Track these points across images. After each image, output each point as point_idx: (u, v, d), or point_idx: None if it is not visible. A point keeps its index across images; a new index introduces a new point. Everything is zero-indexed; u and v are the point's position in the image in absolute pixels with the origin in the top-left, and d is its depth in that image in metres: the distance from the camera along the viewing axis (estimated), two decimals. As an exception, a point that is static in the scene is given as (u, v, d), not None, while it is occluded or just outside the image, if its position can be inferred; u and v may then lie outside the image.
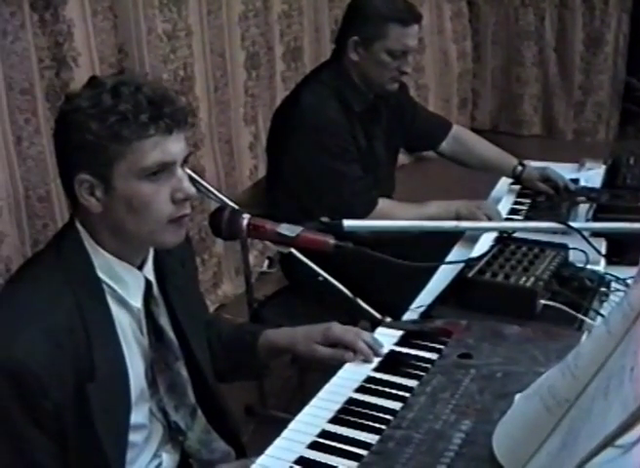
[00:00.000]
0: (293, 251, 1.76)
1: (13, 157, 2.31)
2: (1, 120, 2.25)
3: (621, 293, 1.60)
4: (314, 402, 1.29)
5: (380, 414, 1.23)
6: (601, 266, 1.73)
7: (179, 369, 1.40)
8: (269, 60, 3.57)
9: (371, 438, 1.17)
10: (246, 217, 1.70)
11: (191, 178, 1.32)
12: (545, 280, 1.55)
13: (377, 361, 1.40)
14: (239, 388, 1.82)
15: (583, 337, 1.22)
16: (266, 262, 3.56)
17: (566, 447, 0.93)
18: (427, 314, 1.58)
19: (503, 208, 2.26)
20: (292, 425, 1.23)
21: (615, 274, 1.66)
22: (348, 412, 1.25)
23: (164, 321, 1.37)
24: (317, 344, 1.45)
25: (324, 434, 1.20)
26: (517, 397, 1.13)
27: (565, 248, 1.70)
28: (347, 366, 1.40)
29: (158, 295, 1.37)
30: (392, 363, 1.39)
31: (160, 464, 1.42)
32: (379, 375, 1.36)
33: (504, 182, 2.51)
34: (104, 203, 1.23)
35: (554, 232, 1.87)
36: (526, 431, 1.02)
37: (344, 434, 1.19)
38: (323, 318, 1.51)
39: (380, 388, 1.31)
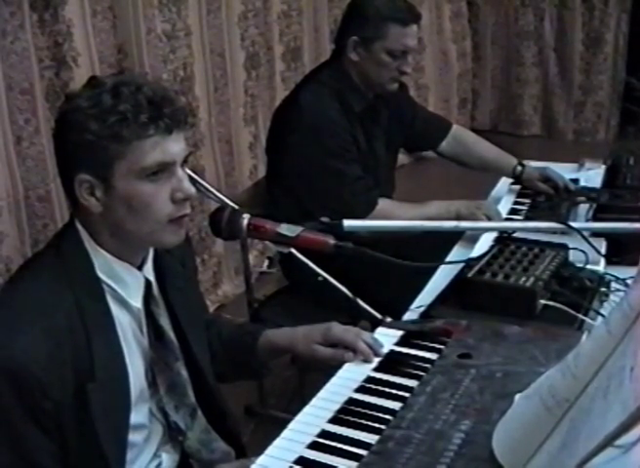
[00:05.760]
0: (293, 251, 1.76)
1: (13, 157, 2.31)
2: (1, 120, 2.25)
3: (621, 293, 1.59)
4: (314, 402, 1.29)
5: (380, 414, 1.22)
6: (601, 266, 1.73)
7: (179, 369, 1.40)
8: (269, 60, 3.57)
9: (371, 438, 1.17)
10: (246, 217, 1.70)
11: (191, 178, 1.32)
12: (545, 280, 1.55)
13: (377, 361, 1.40)
14: (239, 388, 1.82)
15: (583, 337, 1.22)
16: (266, 262, 3.54)
17: (566, 447, 0.93)
18: (427, 314, 1.58)
19: (503, 208, 2.26)
20: (292, 425, 1.22)
21: (615, 274, 1.66)
22: (348, 412, 1.25)
23: (164, 321, 1.37)
24: (317, 344, 1.45)
25: (324, 434, 1.19)
26: (517, 397, 1.13)
27: (565, 248, 1.70)
28: (347, 366, 1.40)
29: (158, 295, 1.37)
30: (392, 363, 1.39)
31: (160, 464, 1.42)
32: (378, 375, 1.36)
33: (504, 182, 2.51)
34: (104, 203, 1.23)
35: (554, 232, 1.87)
36: (526, 431, 1.02)
37: (344, 434, 1.19)
38: (323, 318, 1.51)
39: (380, 388, 1.31)
